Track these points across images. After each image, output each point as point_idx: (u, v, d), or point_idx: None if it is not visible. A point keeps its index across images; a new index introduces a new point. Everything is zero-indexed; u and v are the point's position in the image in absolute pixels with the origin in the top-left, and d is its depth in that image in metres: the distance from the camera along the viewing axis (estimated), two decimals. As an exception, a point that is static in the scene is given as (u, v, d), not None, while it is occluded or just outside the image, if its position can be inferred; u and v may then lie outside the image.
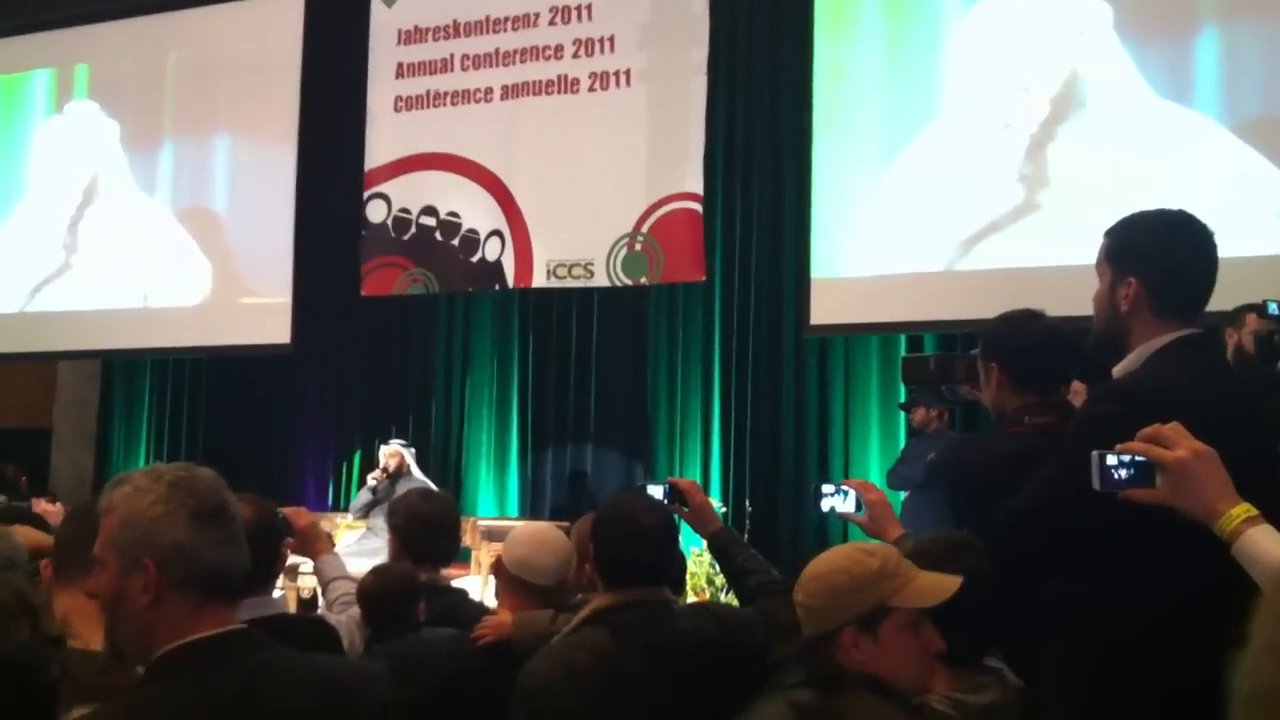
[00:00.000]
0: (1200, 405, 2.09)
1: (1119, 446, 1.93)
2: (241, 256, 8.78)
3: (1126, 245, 2.39)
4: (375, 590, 3.13)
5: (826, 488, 2.92)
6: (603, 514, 2.77)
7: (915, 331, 7.47)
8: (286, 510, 3.18)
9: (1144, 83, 6.67)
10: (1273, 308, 3.99)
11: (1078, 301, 2.83)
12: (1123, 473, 1.93)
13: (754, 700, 2.13)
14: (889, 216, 7.25)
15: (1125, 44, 6.74)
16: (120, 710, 1.68)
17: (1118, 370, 2.40)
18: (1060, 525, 2.25)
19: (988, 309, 3.28)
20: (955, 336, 6.69)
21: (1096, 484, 1.93)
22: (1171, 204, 2.46)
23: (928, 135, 7.16)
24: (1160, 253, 2.34)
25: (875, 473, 7.27)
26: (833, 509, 2.88)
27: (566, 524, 3.37)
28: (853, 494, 2.89)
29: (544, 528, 3.22)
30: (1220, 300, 4.04)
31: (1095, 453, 1.94)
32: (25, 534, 2.77)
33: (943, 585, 2.06)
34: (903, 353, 7.31)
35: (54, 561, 2.35)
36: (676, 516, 2.90)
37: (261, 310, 8.65)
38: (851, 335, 7.78)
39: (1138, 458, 1.92)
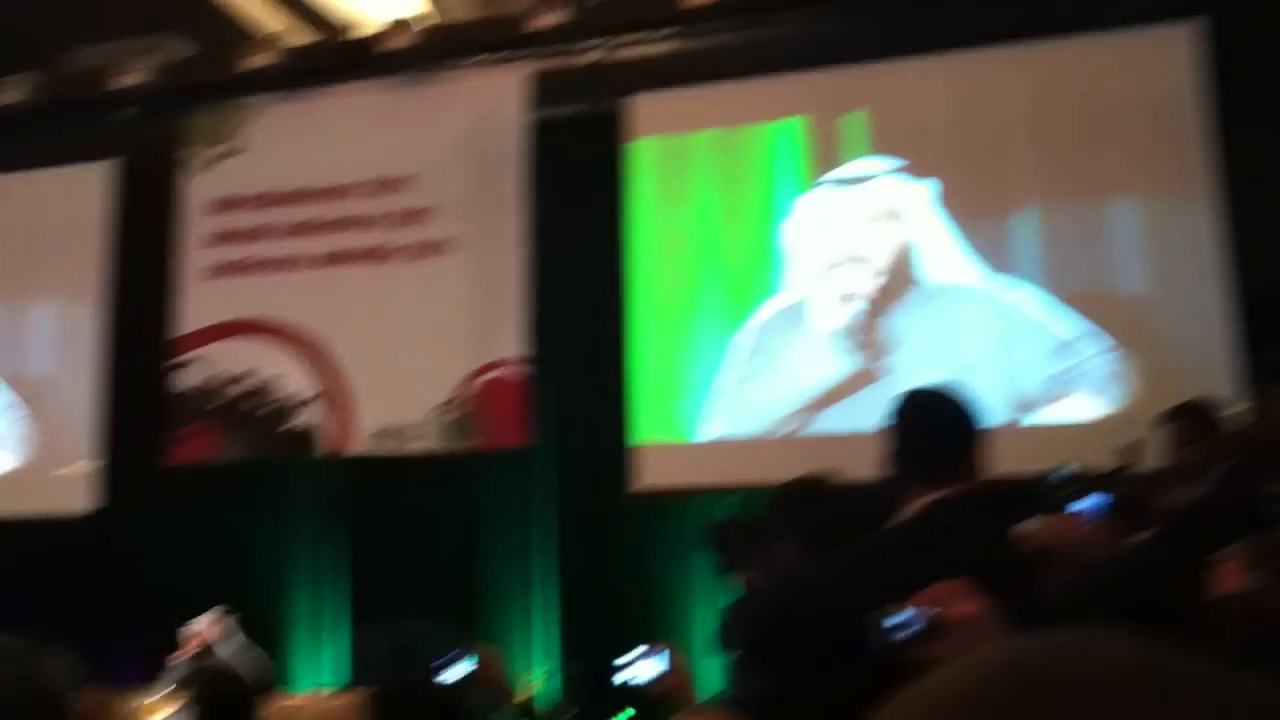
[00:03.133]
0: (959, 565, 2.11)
1: (897, 605, 1.93)
2: (45, 425, 8.47)
3: (889, 419, 2.46)
4: None
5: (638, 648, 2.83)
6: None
7: (751, 495, 7.51)
8: None
9: (970, 257, 7.01)
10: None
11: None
12: (903, 632, 1.92)
13: None
14: (731, 384, 7.36)
15: (951, 220, 7.10)
16: None
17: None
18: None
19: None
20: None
21: (876, 643, 1.92)
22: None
23: (768, 308, 7.37)
24: (896, 426, 2.43)
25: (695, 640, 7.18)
26: (626, 681, 2.80)
27: None
28: (665, 654, 2.83)
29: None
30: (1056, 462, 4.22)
31: (874, 612, 1.94)
32: None
33: None
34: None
35: None
36: None
37: (64, 480, 8.30)
38: (681, 500, 7.76)
39: (917, 615, 1.91)
